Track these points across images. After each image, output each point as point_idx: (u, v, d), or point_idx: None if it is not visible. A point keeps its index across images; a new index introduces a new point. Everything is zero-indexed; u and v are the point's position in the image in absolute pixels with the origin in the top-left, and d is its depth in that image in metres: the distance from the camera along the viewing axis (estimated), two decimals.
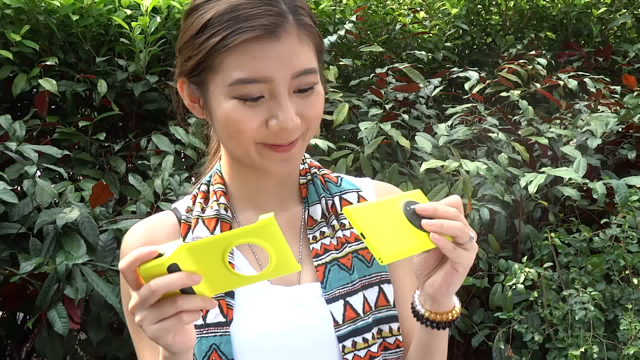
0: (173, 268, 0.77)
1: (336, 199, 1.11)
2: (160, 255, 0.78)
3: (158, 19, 2.71)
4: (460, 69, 3.10)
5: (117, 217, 2.31)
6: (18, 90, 2.54)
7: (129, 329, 1.07)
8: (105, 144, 2.77)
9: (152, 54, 2.74)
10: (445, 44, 3.68)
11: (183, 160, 2.80)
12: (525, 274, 2.23)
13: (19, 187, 2.37)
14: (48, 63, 2.57)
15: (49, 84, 2.46)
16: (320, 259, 1.05)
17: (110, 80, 2.72)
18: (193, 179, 2.49)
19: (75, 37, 2.76)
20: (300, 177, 1.13)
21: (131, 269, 0.79)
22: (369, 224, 0.85)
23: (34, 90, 2.64)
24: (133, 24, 2.65)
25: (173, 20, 2.87)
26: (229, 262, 0.81)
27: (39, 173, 2.32)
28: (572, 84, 2.92)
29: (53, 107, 2.83)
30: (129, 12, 2.75)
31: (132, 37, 2.68)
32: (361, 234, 0.85)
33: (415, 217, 0.88)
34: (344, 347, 1.00)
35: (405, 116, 2.75)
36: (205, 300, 0.80)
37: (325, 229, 1.08)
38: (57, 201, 2.24)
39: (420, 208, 0.88)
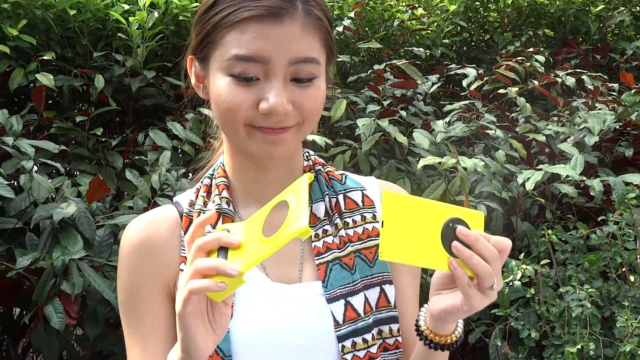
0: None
1: (340, 197, 1.10)
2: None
3: (156, 14, 2.71)
4: (458, 66, 3.10)
5: (114, 212, 2.30)
6: (15, 84, 2.54)
7: (122, 322, 1.06)
8: (103, 139, 2.76)
9: (150, 49, 2.74)
10: (443, 40, 3.68)
11: (180, 155, 2.80)
12: (522, 271, 2.23)
13: (15, 182, 2.36)
14: (45, 58, 2.56)
15: (46, 79, 2.45)
16: (322, 258, 1.04)
17: (108, 75, 2.72)
18: (190, 174, 2.48)
19: (73, 31, 2.75)
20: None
21: (196, 237, 0.83)
22: (398, 216, 0.83)
23: (31, 85, 2.64)
24: (130, 19, 2.65)
25: (171, 15, 2.86)
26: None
27: (35, 168, 2.32)
28: (570, 81, 2.93)
29: (50, 102, 2.83)
30: (126, 7, 2.74)
31: (129, 32, 2.67)
32: (382, 221, 0.83)
33: (450, 235, 0.85)
34: (343, 347, 1.00)
35: (403, 113, 2.75)
36: (221, 263, 0.78)
37: (328, 227, 1.07)
38: (53, 196, 2.23)
39: (462, 231, 0.86)
